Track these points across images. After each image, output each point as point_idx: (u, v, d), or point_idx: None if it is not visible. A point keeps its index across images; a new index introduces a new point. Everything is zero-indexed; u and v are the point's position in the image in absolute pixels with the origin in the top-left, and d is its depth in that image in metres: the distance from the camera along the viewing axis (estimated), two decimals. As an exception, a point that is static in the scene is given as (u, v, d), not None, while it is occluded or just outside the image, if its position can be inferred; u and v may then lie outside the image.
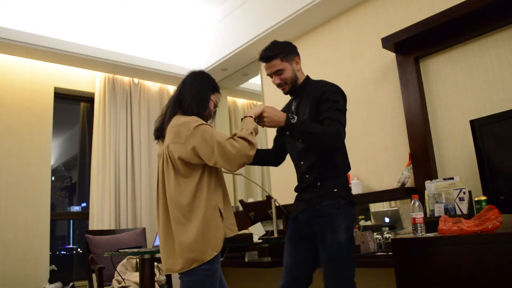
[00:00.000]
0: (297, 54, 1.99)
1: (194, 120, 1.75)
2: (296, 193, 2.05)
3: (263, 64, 1.96)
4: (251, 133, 1.71)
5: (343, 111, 1.87)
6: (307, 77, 2.02)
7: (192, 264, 1.67)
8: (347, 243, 1.81)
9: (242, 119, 1.81)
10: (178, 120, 1.78)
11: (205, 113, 1.86)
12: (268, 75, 1.98)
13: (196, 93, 1.85)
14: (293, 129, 1.78)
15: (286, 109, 2.10)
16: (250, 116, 1.78)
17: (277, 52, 1.90)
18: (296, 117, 1.78)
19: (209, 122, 1.91)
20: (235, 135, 1.71)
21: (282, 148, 2.12)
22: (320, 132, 1.76)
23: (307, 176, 1.92)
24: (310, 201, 1.89)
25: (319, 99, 1.86)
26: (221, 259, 3.69)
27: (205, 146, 1.68)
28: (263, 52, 1.92)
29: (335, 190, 1.86)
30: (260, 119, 1.79)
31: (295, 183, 2.05)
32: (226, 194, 1.90)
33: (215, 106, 1.94)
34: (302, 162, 1.95)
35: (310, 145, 1.87)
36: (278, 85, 1.96)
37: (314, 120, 1.86)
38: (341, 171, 1.94)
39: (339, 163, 1.93)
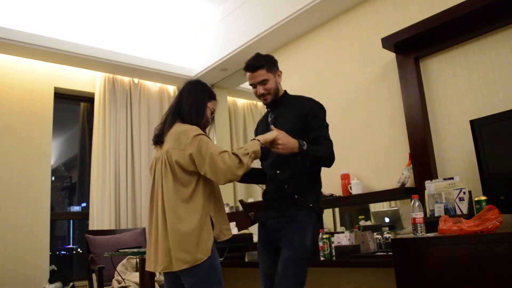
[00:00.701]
0: (279, 68, 2.08)
1: (194, 129, 1.82)
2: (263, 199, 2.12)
3: (247, 74, 2.02)
4: (247, 154, 1.75)
5: (328, 128, 2.02)
6: (285, 91, 2.10)
7: (183, 266, 1.72)
8: (310, 248, 1.92)
9: (251, 140, 1.87)
10: (180, 127, 1.86)
11: (203, 120, 1.94)
12: (251, 84, 2.03)
13: (194, 102, 1.94)
14: (305, 155, 1.86)
15: (261, 120, 2.20)
16: (258, 140, 1.82)
17: (264, 63, 1.98)
18: (305, 143, 1.84)
19: (208, 127, 2.00)
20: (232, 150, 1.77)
21: None
22: (324, 155, 1.91)
23: (286, 186, 1.97)
24: (286, 211, 1.95)
25: (307, 116, 1.96)
26: (221, 259, 3.70)
27: (200, 155, 1.75)
28: (249, 61, 2.00)
29: (311, 205, 1.96)
30: (273, 145, 1.82)
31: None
32: (219, 200, 1.94)
33: (212, 113, 2.01)
34: (278, 171, 2.00)
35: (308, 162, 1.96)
36: (261, 95, 2.01)
37: (298, 134, 1.92)
38: (318, 185, 2.05)
39: (317, 177, 2.05)
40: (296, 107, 2.01)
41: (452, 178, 2.28)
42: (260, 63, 1.97)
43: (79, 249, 4.43)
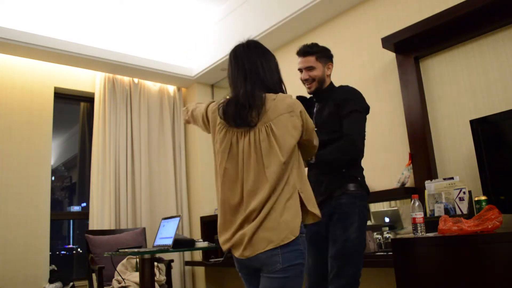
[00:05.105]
0: (331, 61, 2.13)
1: None
2: None
3: (298, 59, 2.09)
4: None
5: (362, 114, 2.02)
6: (332, 83, 2.13)
7: None
8: (357, 240, 1.92)
9: None
10: None
11: None
12: (299, 69, 2.09)
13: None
14: (318, 167, 1.94)
15: (306, 102, 2.14)
16: None
17: (315, 51, 2.06)
18: (313, 158, 1.87)
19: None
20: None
21: None
22: (335, 157, 1.91)
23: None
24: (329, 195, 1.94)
25: (341, 102, 2.00)
26: (221, 259, 3.70)
27: None
28: (302, 47, 2.07)
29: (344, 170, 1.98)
30: None
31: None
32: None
33: None
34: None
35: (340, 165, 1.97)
36: (306, 81, 2.07)
37: (333, 119, 1.98)
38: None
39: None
40: (337, 95, 2.05)
41: (452, 178, 2.28)
42: (312, 50, 2.05)
43: (79, 249, 4.43)
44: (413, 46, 2.72)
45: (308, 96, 2.18)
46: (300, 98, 2.11)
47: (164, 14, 4.24)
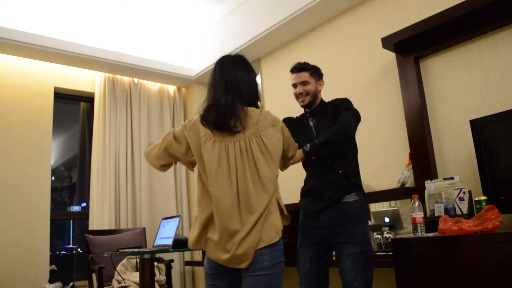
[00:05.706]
0: (322, 79, 2.27)
1: None
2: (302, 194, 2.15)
3: (292, 76, 2.21)
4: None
5: (353, 113, 2.12)
6: (322, 99, 2.25)
7: None
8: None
9: None
10: None
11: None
12: (293, 84, 2.20)
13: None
14: (313, 153, 1.97)
15: (299, 119, 2.29)
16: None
17: (308, 68, 2.20)
18: (308, 145, 1.96)
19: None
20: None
21: None
22: (329, 138, 1.98)
23: (329, 161, 2.07)
24: (335, 197, 2.04)
25: (336, 110, 2.13)
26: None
27: None
28: (296, 64, 2.22)
29: (352, 179, 2.08)
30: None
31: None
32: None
33: None
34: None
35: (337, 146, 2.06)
36: (300, 95, 2.17)
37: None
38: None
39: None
40: (332, 106, 2.17)
41: (452, 178, 2.28)
42: (305, 67, 2.19)
43: (79, 249, 4.43)
44: (413, 46, 2.72)
45: (295, 116, 2.32)
46: (288, 119, 2.29)
47: (164, 14, 4.24)
